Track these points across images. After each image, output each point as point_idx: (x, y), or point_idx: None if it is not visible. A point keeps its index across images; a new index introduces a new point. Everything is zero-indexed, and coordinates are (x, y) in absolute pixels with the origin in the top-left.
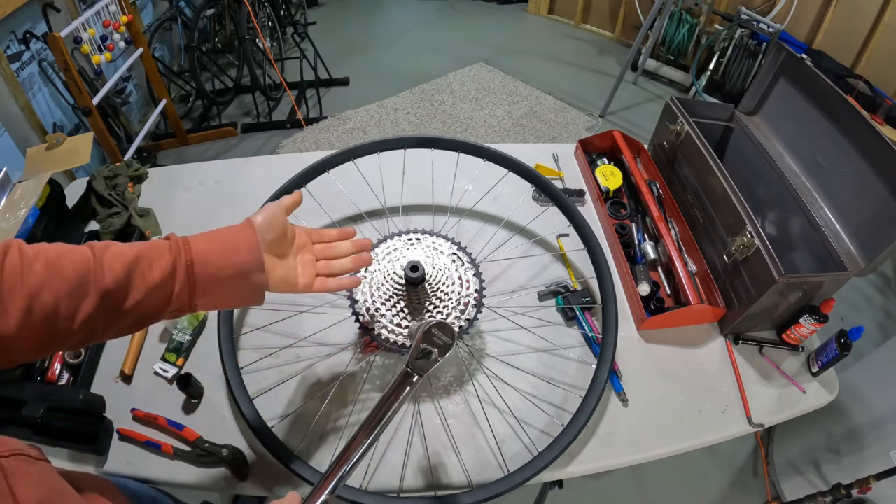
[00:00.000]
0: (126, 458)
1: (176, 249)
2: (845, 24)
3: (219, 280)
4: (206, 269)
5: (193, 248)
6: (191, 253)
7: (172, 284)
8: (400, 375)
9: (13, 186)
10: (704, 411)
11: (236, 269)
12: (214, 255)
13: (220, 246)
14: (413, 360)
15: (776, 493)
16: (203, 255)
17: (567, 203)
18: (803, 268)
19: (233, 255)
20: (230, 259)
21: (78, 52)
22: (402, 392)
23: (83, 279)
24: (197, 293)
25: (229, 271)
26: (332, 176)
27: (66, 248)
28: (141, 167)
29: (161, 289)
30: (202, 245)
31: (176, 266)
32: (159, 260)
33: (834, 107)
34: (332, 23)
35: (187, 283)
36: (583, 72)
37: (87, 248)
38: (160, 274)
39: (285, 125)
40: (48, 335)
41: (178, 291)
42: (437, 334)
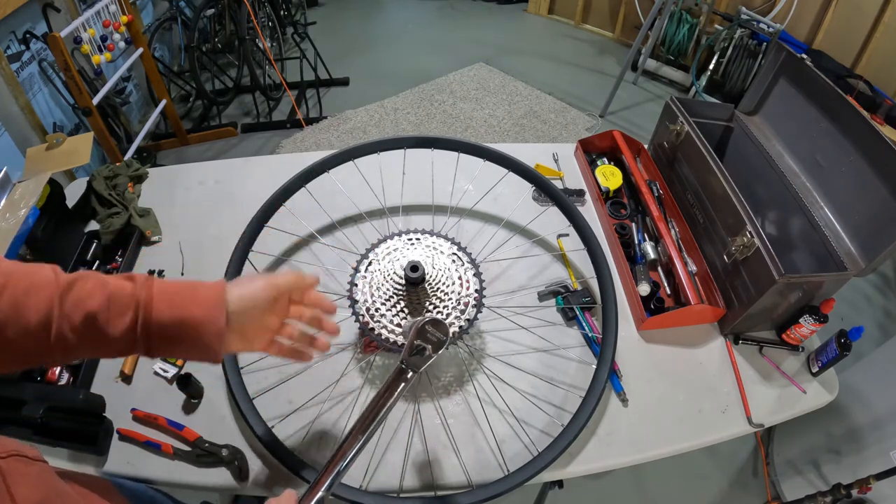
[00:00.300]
0: (126, 458)
1: (136, 309)
2: (845, 24)
3: (176, 349)
4: (163, 335)
5: (155, 312)
6: (151, 317)
7: (130, 343)
8: (394, 372)
9: (13, 186)
10: (704, 411)
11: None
12: (174, 325)
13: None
14: (407, 356)
15: (776, 493)
16: (163, 322)
17: (567, 203)
18: (803, 268)
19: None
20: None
21: (78, 52)
22: (396, 388)
23: (45, 325)
24: (152, 351)
25: (187, 345)
26: (332, 176)
27: (32, 283)
28: (141, 167)
29: (117, 343)
30: (165, 312)
31: (136, 327)
32: (121, 318)
33: (834, 107)
34: (332, 23)
35: (144, 343)
36: (583, 72)
37: (54, 285)
38: (119, 332)
39: (285, 125)
40: (8, 360)
41: (134, 347)
42: (431, 331)
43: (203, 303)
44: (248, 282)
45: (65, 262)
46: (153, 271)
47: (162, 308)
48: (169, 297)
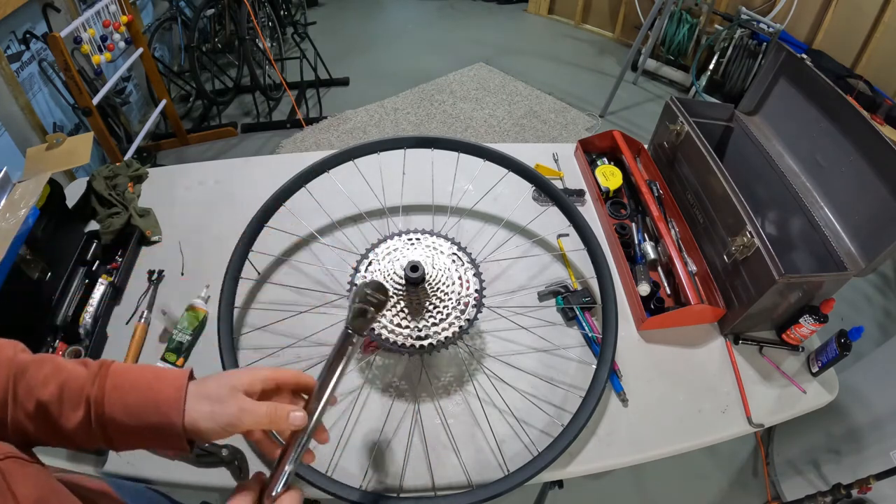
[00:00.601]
0: (126, 459)
1: (87, 406)
2: (845, 24)
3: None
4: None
5: (108, 409)
6: (104, 415)
7: (88, 437)
8: (340, 337)
9: (13, 186)
10: (704, 411)
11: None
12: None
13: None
14: (350, 320)
15: (776, 493)
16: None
17: (567, 203)
18: (803, 268)
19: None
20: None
21: (78, 52)
22: (344, 354)
23: (2, 408)
24: (118, 447)
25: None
26: (332, 176)
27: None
28: (141, 167)
29: (76, 437)
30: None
31: (90, 423)
32: (73, 412)
33: (834, 107)
34: (332, 23)
35: (104, 439)
36: (583, 72)
37: (9, 367)
38: (72, 425)
39: (285, 125)
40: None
41: (95, 442)
42: (371, 293)
43: (159, 408)
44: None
45: (65, 262)
46: (153, 271)
47: (114, 407)
48: (122, 396)
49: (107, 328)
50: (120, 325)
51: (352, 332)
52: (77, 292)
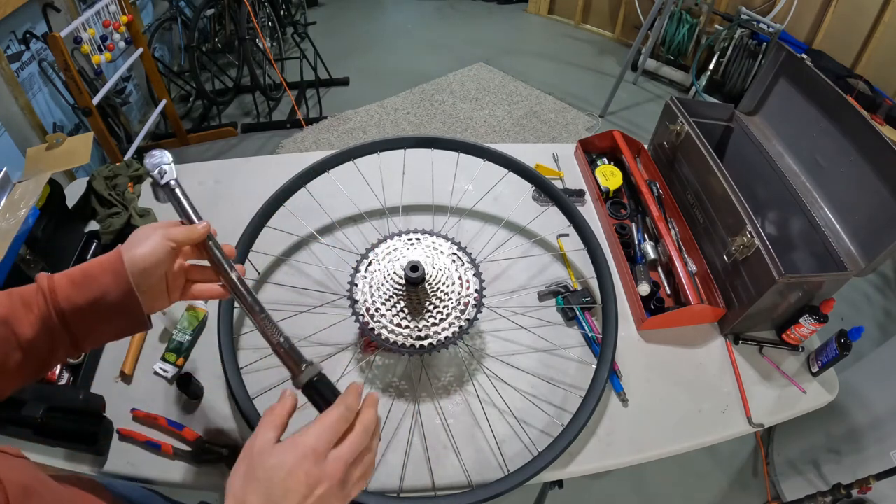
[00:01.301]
0: (126, 458)
1: (43, 300)
2: (845, 24)
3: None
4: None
5: (61, 296)
6: (59, 303)
7: (50, 337)
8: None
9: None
10: (704, 411)
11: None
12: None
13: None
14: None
15: (776, 493)
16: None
17: (567, 203)
18: (803, 268)
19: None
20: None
21: (78, 52)
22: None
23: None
24: (78, 341)
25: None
26: (332, 176)
27: None
28: (141, 167)
29: (38, 343)
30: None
31: (50, 317)
32: (29, 312)
33: (834, 107)
34: (332, 23)
35: (65, 332)
36: (583, 72)
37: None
38: (34, 329)
39: (285, 125)
40: None
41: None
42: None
43: (105, 272)
44: (142, 241)
45: (65, 261)
46: None
47: (66, 290)
48: (69, 279)
49: None
50: None
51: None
52: None
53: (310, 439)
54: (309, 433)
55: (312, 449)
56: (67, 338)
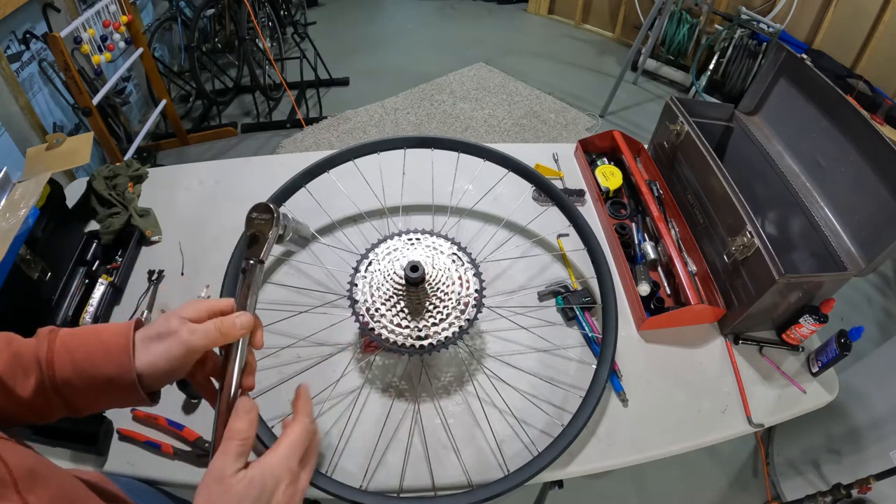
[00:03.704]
0: (126, 458)
1: (39, 369)
2: (845, 24)
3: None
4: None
5: (58, 370)
6: (55, 376)
7: (46, 403)
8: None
9: (13, 186)
10: (704, 411)
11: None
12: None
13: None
14: (245, 249)
15: (776, 493)
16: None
17: (567, 203)
18: (803, 268)
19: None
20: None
21: (78, 52)
22: (250, 285)
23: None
24: (77, 409)
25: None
26: (332, 176)
27: None
28: (141, 167)
29: (34, 405)
30: (67, 369)
31: (45, 387)
32: (27, 378)
33: (834, 107)
34: (332, 23)
35: (61, 401)
36: (583, 72)
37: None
38: (28, 393)
39: (285, 125)
40: None
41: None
42: (257, 216)
43: (106, 358)
44: (160, 339)
45: (64, 262)
46: (153, 271)
47: (64, 366)
48: (70, 353)
49: None
50: None
51: (254, 263)
52: (77, 292)
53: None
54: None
55: (289, 470)
56: (64, 407)
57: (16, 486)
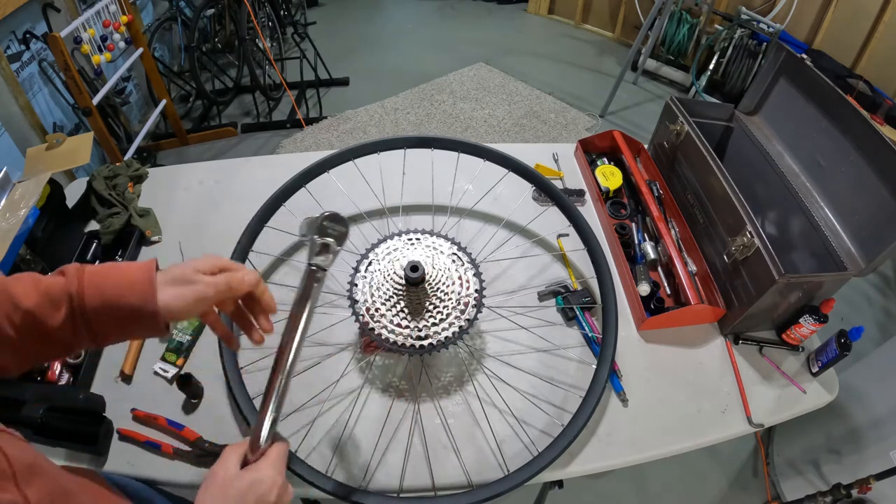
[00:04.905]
0: (126, 458)
1: (69, 300)
2: (845, 24)
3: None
4: (101, 322)
5: (88, 301)
6: (84, 306)
7: (72, 333)
8: (305, 275)
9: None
10: (704, 411)
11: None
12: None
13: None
14: (313, 255)
15: (776, 493)
16: (97, 309)
17: (567, 203)
18: (803, 268)
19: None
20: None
21: (78, 52)
22: (310, 293)
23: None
24: (98, 339)
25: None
26: (332, 176)
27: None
28: (141, 167)
29: (60, 336)
30: (96, 300)
31: (74, 317)
32: (57, 311)
33: (834, 107)
34: (332, 23)
35: (86, 331)
36: (583, 72)
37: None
38: (58, 323)
39: (285, 125)
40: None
41: (78, 337)
42: (330, 225)
43: (132, 291)
44: (177, 292)
45: (64, 262)
46: None
47: (93, 296)
48: (98, 285)
49: None
50: None
51: (316, 269)
52: None
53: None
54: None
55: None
56: (88, 337)
57: (15, 479)
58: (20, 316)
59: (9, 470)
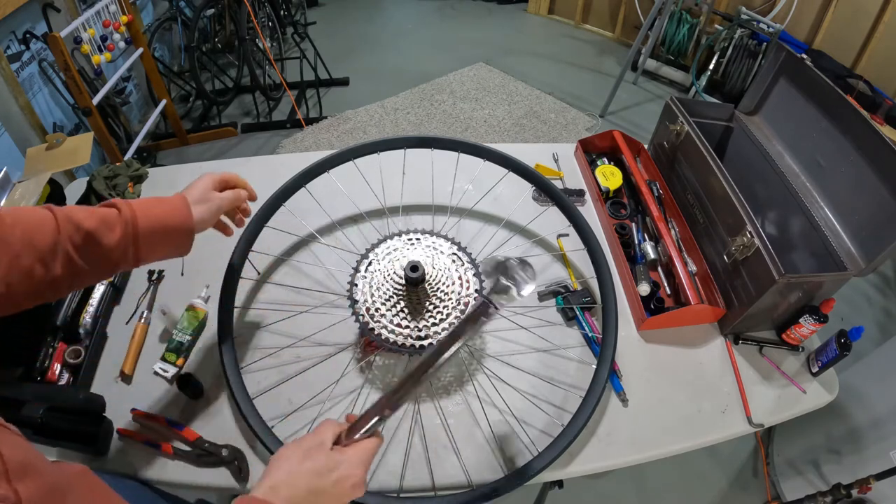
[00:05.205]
0: (126, 458)
1: (123, 223)
2: (845, 24)
3: (156, 250)
4: (148, 241)
5: (140, 223)
6: (138, 228)
7: (122, 252)
8: (478, 305)
9: (13, 186)
10: (704, 411)
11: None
12: (157, 232)
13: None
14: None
15: (776, 493)
16: (147, 230)
17: (567, 203)
18: (803, 268)
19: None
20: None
21: (78, 52)
22: (476, 321)
23: (53, 249)
24: (140, 255)
25: (166, 246)
26: (332, 176)
27: (36, 220)
28: (141, 167)
29: (112, 254)
30: (147, 222)
31: (127, 237)
32: (112, 232)
33: (834, 107)
34: (332, 23)
35: (136, 247)
36: (583, 72)
37: (52, 219)
38: (113, 243)
39: (285, 125)
40: (26, 292)
41: (126, 254)
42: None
43: (176, 213)
44: (202, 208)
45: None
46: (153, 271)
47: (145, 218)
48: (147, 211)
49: (107, 328)
50: (120, 325)
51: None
52: (77, 292)
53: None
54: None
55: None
56: (133, 257)
57: (7, 476)
58: (81, 236)
59: (2, 467)
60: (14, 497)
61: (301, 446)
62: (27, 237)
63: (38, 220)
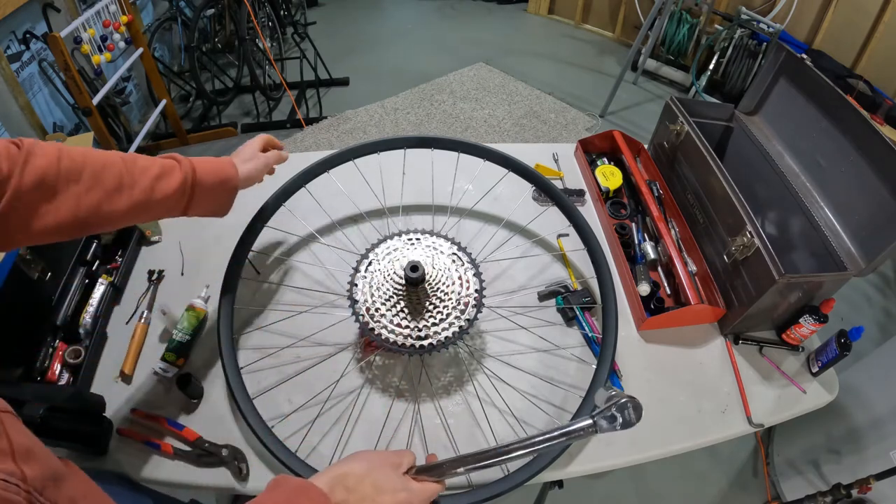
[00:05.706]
0: (126, 458)
1: (184, 172)
2: (845, 24)
3: (205, 201)
4: (202, 190)
5: (199, 174)
6: (196, 177)
7: (179, 197)
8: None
9: None
10: (704, 411)
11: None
12: (213, 183)
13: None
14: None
15: (776, 493)
16: (204, 180)
17: (567, 203)
18: (803, 268)
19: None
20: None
21: (78, 52)
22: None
23: (119, 188)
24: (192, 203)
25: (214, 197)
26: (332, 176)
27: (105, 160)
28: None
29: (170, 199)
30: (205, 174)
31: (184, 184)
32: (172, 178)
33: (834, 107)
34: (332, 23)
35: (190, 196)
36: (583, 72)
37: (120, 161)
38: (173, 188)
39: (285, 125)
40: (87, 223)
41: (180, 201)
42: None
43: (228, 170)
44: (251, 165)
45: (64, 262)
46: (153, 271)
47: (203, 170)
48: (204, 164)
49: (107, 328)
50: (120, 325)
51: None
52: (77, 292)
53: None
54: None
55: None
56: (185, 204)
57: (13, 457)
58: (148, 179)
59: (9, 448)
60: (21, 474)
61: (378, 459)
62: (94, 175)
63: (105, 160)
